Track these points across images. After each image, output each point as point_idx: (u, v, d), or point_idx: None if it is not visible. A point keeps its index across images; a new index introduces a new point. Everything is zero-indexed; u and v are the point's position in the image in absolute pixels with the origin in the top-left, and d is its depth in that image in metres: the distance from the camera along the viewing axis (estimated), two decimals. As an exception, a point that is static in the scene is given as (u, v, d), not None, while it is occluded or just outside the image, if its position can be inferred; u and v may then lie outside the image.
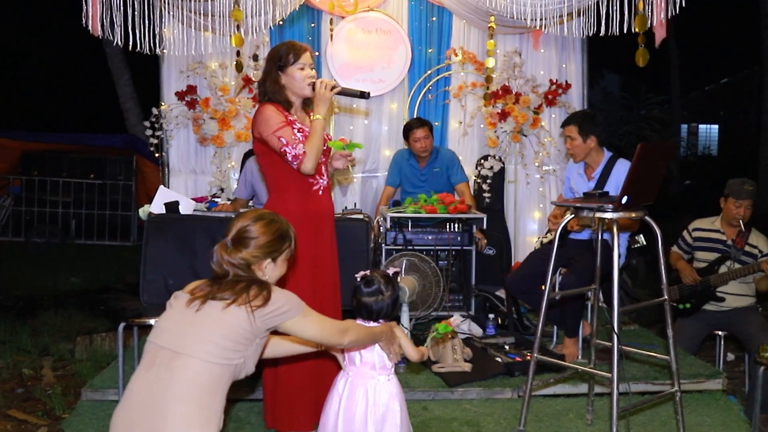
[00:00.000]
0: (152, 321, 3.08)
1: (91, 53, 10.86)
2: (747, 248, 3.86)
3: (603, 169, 3.64)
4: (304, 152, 2.68)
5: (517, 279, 3.82)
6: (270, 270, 2.00)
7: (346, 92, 2.86)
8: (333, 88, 2.76)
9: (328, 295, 2.84)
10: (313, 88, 2.76)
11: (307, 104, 2.89)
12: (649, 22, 4.22)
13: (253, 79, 4.99)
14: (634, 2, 4.16)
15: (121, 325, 3.07)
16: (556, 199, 4.64)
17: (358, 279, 2.41)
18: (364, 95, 2.85)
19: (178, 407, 1.76)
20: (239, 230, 1.96)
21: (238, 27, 4.39)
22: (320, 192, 2.84)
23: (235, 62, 4.65)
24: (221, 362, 1.82)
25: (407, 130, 4.65)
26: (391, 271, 2.46)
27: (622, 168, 3.55)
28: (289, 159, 2.70)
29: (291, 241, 2.06)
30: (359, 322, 2.36)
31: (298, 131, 2.73)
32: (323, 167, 2.85)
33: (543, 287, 2.74)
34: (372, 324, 2.35)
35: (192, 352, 1.80)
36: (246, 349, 1.87)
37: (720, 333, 3.89)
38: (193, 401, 1.78)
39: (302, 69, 2.76)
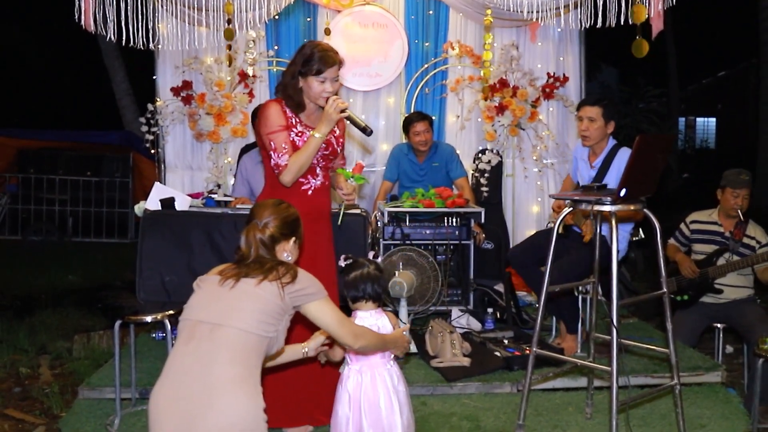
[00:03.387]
0: (149, 318, 3.07)
1: (87, 50, 10.81)
2: (745, 240, 3.85)
3: (605, 158, 3.60)
4: (286, 165, 2.68)
5: (519, 252, 3.85)
6: (292, 248, 2.18)
7: (351, 120, 2.79)
8: (343, 111, 2.72)
9: None
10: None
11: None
12: (646, 14, 4.20)
13: (248, 74, 4.96)
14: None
15: (117, 323, 3.04)
16: (562, 183, 4.62)
17: (342, 264, 2.46)
18: (366, 131, 2.80)
19: (227, 369, 1.84)
20: (266, 214, 2.14)
21: (229, 21, 4.37)
22: (309, 192, 2.81)
23: (227, 56, 4.62)
24: (259, 333, 1.92)
25: (407, 124, 4.62)
26: (370, 255, 2.54)
27: (624, 157, 3.51)
28: (272, 164, 2.71)
29: (301, 228, 2.24)
30: (360, 313, 2.39)
31: (297, 135, 2.73)
32: (317, 168, 2.82)
33: (543, 268, 2.72)
34: (370, 312, 2.39)
35: (233, 323, 1.90)
36: (278, 323, 1.97)
37: (719, 325, 3.88)
38: (239, 364, 1.86)
39: (322, 82, 2.71)
